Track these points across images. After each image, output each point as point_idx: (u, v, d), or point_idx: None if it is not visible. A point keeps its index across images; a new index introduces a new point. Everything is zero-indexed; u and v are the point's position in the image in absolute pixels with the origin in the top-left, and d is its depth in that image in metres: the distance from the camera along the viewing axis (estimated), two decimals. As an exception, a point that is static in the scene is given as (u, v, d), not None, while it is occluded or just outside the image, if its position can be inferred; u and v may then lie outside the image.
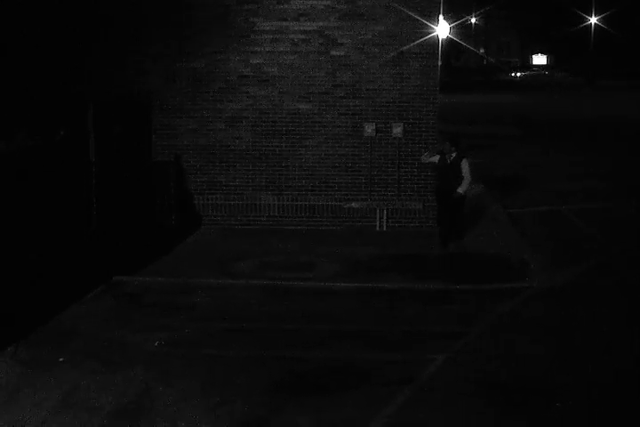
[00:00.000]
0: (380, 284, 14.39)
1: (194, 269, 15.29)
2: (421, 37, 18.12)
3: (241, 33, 18.28)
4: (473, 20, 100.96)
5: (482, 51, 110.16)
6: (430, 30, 18.12)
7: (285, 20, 18.23)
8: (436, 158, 17.04)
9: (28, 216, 13.38)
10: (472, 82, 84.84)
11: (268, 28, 18.27)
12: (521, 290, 14.13)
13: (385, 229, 18.39)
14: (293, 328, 12.25)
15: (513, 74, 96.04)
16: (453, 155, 16.76)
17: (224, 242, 17.38)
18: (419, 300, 13.64)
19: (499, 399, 9.83)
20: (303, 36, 18.30)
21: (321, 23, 18.25)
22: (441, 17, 18.81)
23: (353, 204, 18.47)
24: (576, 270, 15.38)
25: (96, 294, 13.83)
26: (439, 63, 18.56)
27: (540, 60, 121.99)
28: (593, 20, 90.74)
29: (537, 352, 11.38)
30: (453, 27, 68.94)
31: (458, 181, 16.63)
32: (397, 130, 18.27)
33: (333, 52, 18.33)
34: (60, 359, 10.98)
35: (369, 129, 18.32)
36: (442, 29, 21.80)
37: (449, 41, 69.40)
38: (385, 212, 18.42)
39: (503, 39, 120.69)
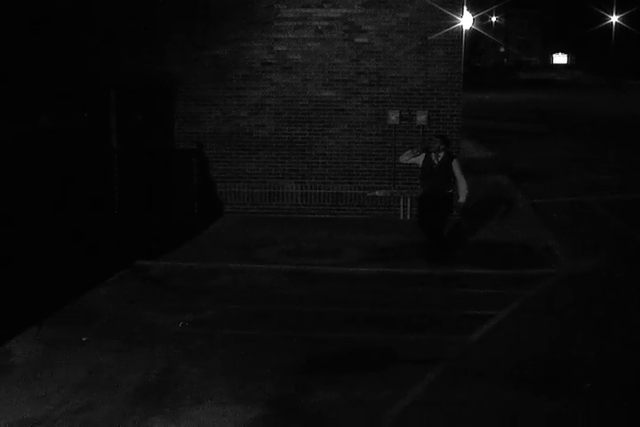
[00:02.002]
0: (405, 269, 14.26)
1: (216, 255, 15.19)
2: (446, 25, 17.95)
3: (264, 20, 18.16)
4: (493, 19, 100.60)
5: (502, 50, 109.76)
6: (454, 18, 17.96)
7: (309, 6, 18.11)
8: (419, 159, 14.98)
9: (51, 196, 13.29)
10: (493, 80, 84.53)
11: (291, 15, 18.15)
12: (547, 276, 13.94)
13: (409, 217, 18.22)
14: (317, 311, 12.13)
15: None
16: (441, 154, 14.74)
17: (246, 229, 17.27)
18: (444, 285, 13.51)
19: (528, 380, 9.68)
20: (327, 23, 18.17)
21: (345, 10, 18.11)
22: (465, 7, 18.68)
23: (377, 192, 18.33)
24: (601, 258, 15.17)
25: (119, 277, 13.74)
26: (463, 51, 18.42)
27: (560, 59, 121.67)
28: (614, 18, 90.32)
29: (565, 335, 11.22)
30: (474, 25, 68.61)
31: (448, 185, 14.83)
32: (422, 118, 18.12)
33: (357, 39, 18.19)
34: (84, 339, 10.89)
35: (393, 117, 18.17)
36: (466, 20, 21.68)
37: (470, 40, 69.13)
38: (409, 200, 18.26)
39: (524, 38, 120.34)
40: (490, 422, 8.63)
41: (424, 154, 14.88)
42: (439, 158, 14.78)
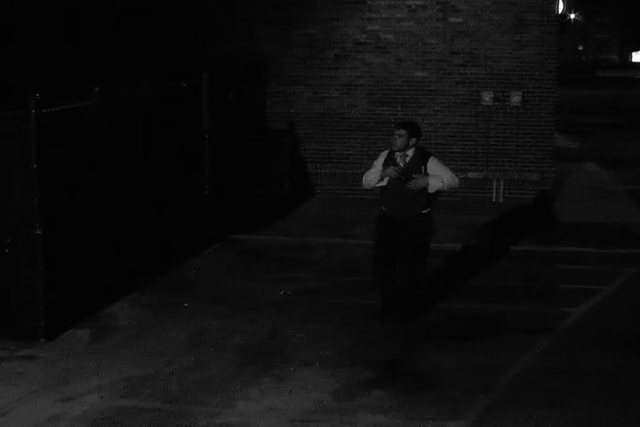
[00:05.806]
0: (505, 246, 14.00)
1: (309, 231, 15.10)
2: (541, 4, 17.62)
3: (357, -1, 18.01)
4: (572, 16, 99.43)
5: (580, 48, 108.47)
6: (549, -3, 17.65)
7: (403, -15, 17.91)
8: (378, 165, 10.01)
9: (154, 170, 13.10)
10: (572, 78, 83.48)
11: (384, -7, 17.97)
12: (650, 255, 13.64)
13: (501, 200, 17.91)
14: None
15: None
16: (410, 153, 9.79)
17: (337, 209, 17.10)
18: (547, 261, 13.24)
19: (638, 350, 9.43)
20: (420, 3, 17.89)
21: (439, -11, 17.88)
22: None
23: (469, 174, 17.96)
24: None
25: (214, 249, 13.70)
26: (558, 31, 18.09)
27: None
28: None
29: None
30: (564, 9, 67.73)
31: (421, 201, 9.87)
32: (516, 99, 17.78)
33: (451, 19, 17.89)
34: (185, 304, 10.85)
35: (487, 97, 17.85)
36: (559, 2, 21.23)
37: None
38: (502, 183, 17.95)
39: (602, 36, 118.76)
40: (610, 386, 8.37)
41: (385, 153, 10.09)
42: (406, 159, 9.82)
